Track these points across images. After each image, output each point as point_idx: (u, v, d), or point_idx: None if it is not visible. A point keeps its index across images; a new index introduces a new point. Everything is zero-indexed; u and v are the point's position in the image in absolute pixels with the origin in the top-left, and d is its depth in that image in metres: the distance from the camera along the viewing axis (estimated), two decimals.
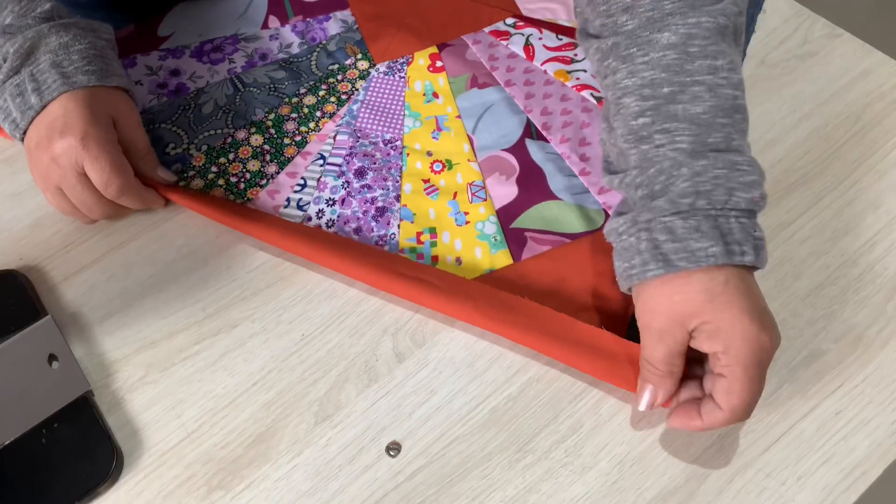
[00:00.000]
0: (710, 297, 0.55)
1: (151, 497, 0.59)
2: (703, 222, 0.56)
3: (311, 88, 0.80)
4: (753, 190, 0.56)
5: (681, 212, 0.56)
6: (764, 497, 0.58)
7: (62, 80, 0.65)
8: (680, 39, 0.59)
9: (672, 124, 0.58)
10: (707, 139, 0.58)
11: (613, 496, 0.58)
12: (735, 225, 0.56)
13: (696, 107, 0.58)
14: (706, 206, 0.56)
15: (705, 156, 0.57)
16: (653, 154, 0.59)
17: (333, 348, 0.65)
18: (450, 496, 0.58)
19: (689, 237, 0.56)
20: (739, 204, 0.56)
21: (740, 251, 0.55)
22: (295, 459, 0.60)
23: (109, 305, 0.67)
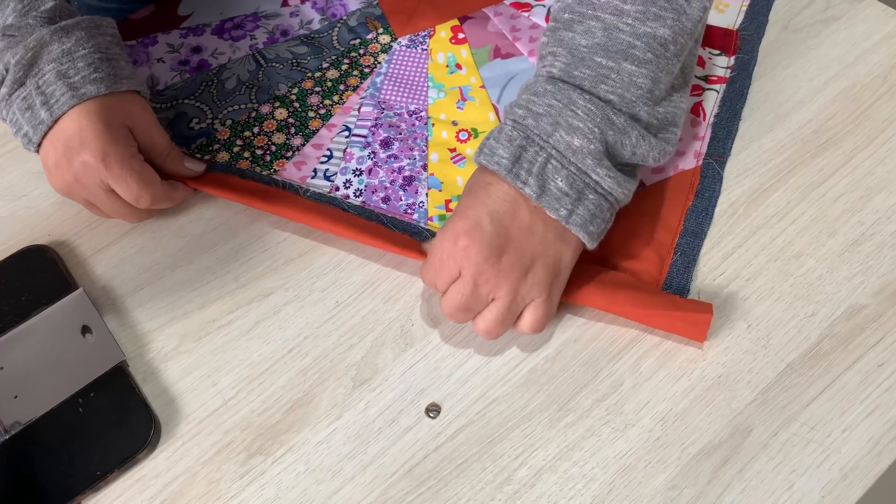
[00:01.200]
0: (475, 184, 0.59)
1: (191, 463, 0.58)
2: (518, 139, 0.57)
3: (333, 63, 0.80)
4: (574, 135, 0.57)
5: (515, 121, 0.58)
6: (809, 450, 0.57)
7: (70, 94, 0.61)
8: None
9: (558, 49, 0.60)
10: (573, 71, 0.58)
11: (657, 452, 0.58)
12: (540, 159, 0.57)
13: (583, 39, 0.59)
14: (533, 127, 0.57)
15: (556, 83, 0.58)
16: (537, 71, 0.62)
17: (368, 314, 0.64)
18: (492, 455, 0.58)
19: (501, 142, 0.58)
20: (559, 144, 0.56)
21: (523, 179, 0.56)
22: (334, 423, 0.59)
23: (140, 278, 0.67)
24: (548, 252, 0.58)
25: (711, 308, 0.60)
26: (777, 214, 0.68)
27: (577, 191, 0.57)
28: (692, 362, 0.61)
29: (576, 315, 0.63)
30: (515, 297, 0.58)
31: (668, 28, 0.58)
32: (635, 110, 0.59)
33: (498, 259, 0.57)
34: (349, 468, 0.58)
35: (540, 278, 0.58)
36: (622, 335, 0.62)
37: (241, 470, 0.58)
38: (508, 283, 0.57)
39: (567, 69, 0.59)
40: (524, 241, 0.57)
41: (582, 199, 0.58)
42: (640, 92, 0.59)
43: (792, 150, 0.72)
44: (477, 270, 0.57)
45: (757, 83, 0.76)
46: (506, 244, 0.57)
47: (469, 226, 0.57)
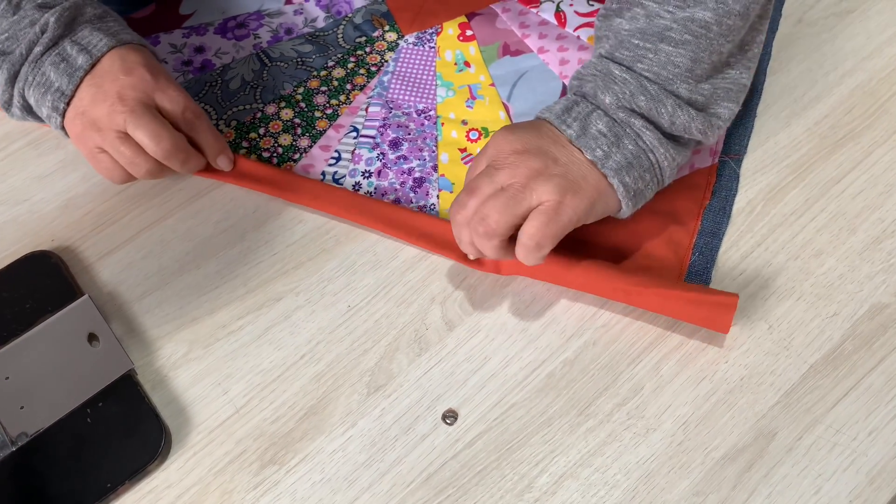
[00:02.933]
0: None
1: (203, 474, 0.57)
2: (572, 99, 0.62)
3: (339, 61, 0.79)
4: (607, 94, 0.60)
5: (570, 88, 0.64)
6: (835, 453, 0.56)
7: (108, 38, 0.64)
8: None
9: (607, 33, 0.64)
10: (615, 53, 0.62)
11: (680, 457, 0.56)
12: (587, 110, 0.61)
13: (626, 24, 0.62)
14: (579, 89, 0.62)
15: (602, 60, 0.63)
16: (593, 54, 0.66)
17: (381, 318, 0.63)
18: (512, 462, 0.57)
19: (559, 102, 0.62)
20: (601, 103, 0.60)
21: (568, 123, 0.60)
22: (349, 431, 0.58)
23: (147, 283, 0.65)
24: (569, 168, 0.59)
25: (736, 297, 0.58)
26: (795, 212, 0.67)
27: (616, 135, 0.59)
28: (713, 364, 0.60)
29: (594, 318, 0.62)
30: (527, 185, 0.57)
31: (710, 11, 0.60)
32: (673, 87, 0.61)
33: (525, 150, 0.59)
34: (366, 477, 0.56)
35: (557, 180, 0.57)
36: (641, 337, 0.61)
37: (255, 480, 0.57)
38: (523, 173, 0.58)
39: (611, 51, 0.63)
40: (550, 148, 0.59)
41: (619, 144, 0.59)
42: (677, 70, 0.60)
43: (809, 146, 0.71)
44: (501, 162, 0.59)
45: (772, 78, 0.75)
46: (534, 149, 0.59)
47: (508, 130, 0.61)
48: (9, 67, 0.63)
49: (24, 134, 0.74)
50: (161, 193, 0.70)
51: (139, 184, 0.70)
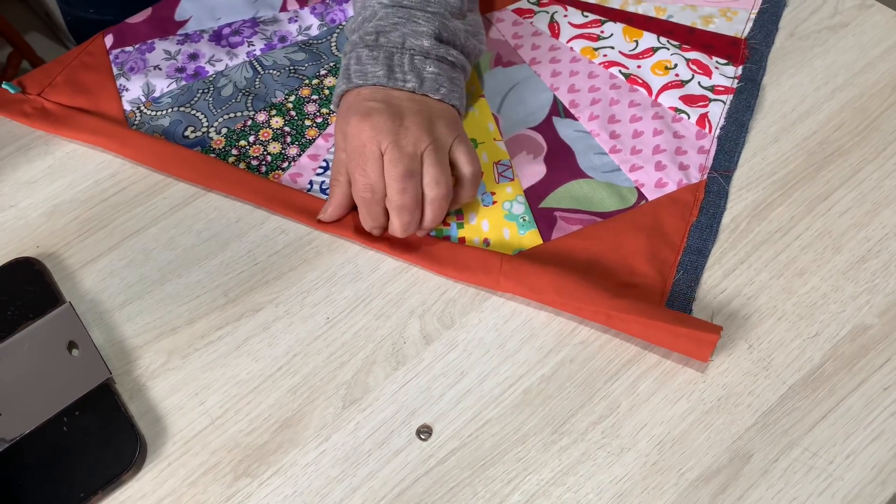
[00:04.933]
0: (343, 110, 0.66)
1: (177, 485, 0.57)
2: (381, 55, 0.65)
3: (331, 70, 0.79)
4: (422, 38, 0.66)
5: (368, 45, 0.66)
6: (811, 476, 0.56)
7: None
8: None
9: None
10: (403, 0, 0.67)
11: (654, 477, 0.56)
12: (406, 59, 0.65)
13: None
14: (386, 44, 0.66)
15: (393, 7, 0.67)
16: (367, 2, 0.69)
17: (359, 331, 0.63)
18: (484, 479, 0.56)
19: (366, 63, 0.65)
20: (414, 47, 0.65)
21: (402, 79, 0.64)
22: (323, 444, 0.58)
23: (128, 292, 0.66)
24: (434, 109, 0.65)
25: (720, 330, 0.58)
26: (781, 229, 0.66)
27: (445, 71, 0.67)
28: (691, 384, 0.59)
29: (572, 334, 0.62)
30: (437, 142, 0.62)
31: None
32: (454, 22, 0.69)
33: (402, 119, 0.62)
34: (338, 491, 0.56)
35: (444, 124, 0.64)
36: (619, 355, 0.61)
37: (228, 492, 0.57)
38: (423, 131, 0.62)
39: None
40: (412, 104, 0.63)
41: (452, 79, 0.67)
42: (454, 9, 0.69)
43: (797, 162, 0.70)
44: (393, 135, 0.61)
45: (762, 92, 0.74)
46: (399, 108, 0.63)
47: (361, 114, 0.62)
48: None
49: (13, 139, 0.74)
50: (145, 202, 0.70)
51: (124, 192, 0.70)
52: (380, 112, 0.62)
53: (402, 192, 0.61)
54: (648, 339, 0.60)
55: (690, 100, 0.75)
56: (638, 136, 0.73)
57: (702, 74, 0.77)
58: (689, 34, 0.80)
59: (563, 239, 0.67)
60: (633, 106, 0.75)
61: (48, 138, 0.74)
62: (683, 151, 0.71)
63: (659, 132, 0.73)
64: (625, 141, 0.73)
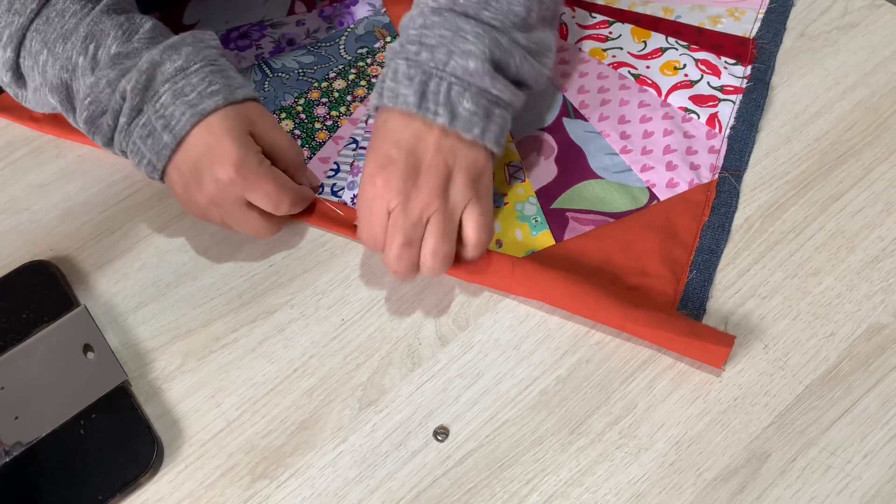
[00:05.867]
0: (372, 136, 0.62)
1: (194, 487, 0.57)
2: (418, 75, 0.59)
3: (340, 72, 0.79)
4: (468, 59, 0.59)
5: (408, 58, 0.60)
6: (829, 476, 0.56)
7: (190, 112, 0.59)
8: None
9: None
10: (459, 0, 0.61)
11: (672, 477, 0.56)
12: (444, 87, 0.59)
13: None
14: (427, 61, 0.59)
15: (442, 14, 0.60)
16: (416, 3, 0.63)
17: (375, 332, 0.63)
18: (502, 480, 0.56)
19: (401, 82, 0.60)
20: (457, 70, 0.59)
21: (433, 111, 0.59)
22: (340, 446, 0.58)
23: (143, 294, 0.66)
24: (460, 157, 0.60)
25: (732, 341, 0.58)
26: (794, 229, 0.66)
27: (484, 108, 0.60)
28: (707, 384, 0.59)
29: (588, 335, 0.62)
30: (446, 207, 0.59)
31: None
32: (514, 35, 0.62)
33: (416, 179, 0.59)
34: (355, 493, 0.56)
35: (462, 181, 0.59)
36: (635, 356, 0.61)
37: (246, 494, 0.57)
38: (434, 196, 0.58)
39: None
40: (435, 157, 0.59)
41: (490, 115, 0.60)
42: (516, 19, 0.61)
43: (809, 162, 0.70)
44: (402, 196, 0.58)
45: (773, 93, 0.74)
46: (419, 164, 0.59)
47: (379, 163, 0.59)
48: (101, 136, 0.62)
49: (25, 143, 0.74)
50: (158, 205, 0.70)
51: (137, 195, 0.70)
52: (395, 166, 0.58)
53: (398, 259, 0.59)
54: (662, 345, 0.60)
55: (700, 100, 0.75)
56: (648, 136, 0.73)
57: (711, 74, 0.77)
58: (698, 34, 0.80)
59: (575, 240, 0.67)
60: (642, 106, 0.75)
61: (59, 141, 0.74)
62: (694, 151, 0.72)
63: (669, 132, 0.73)
64: (635, 141, 0.73)
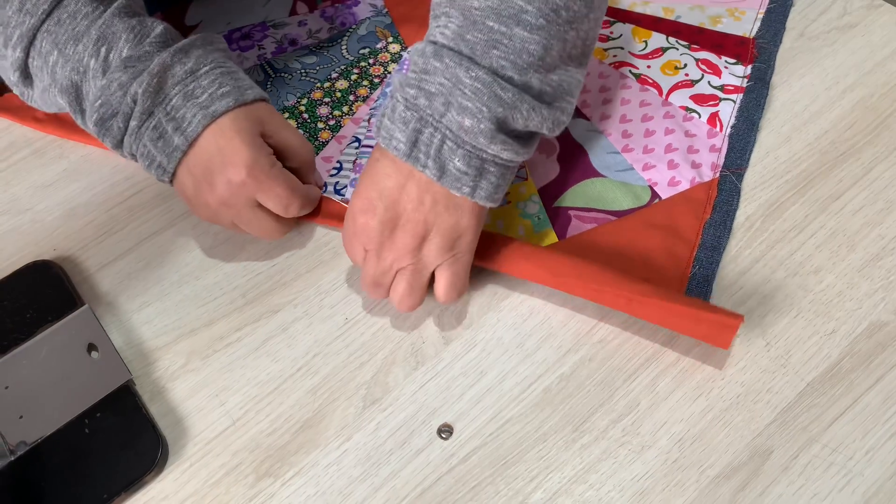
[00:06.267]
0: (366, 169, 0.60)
1: (199, 486, 0.57)
2: (413, 121, 0.57)
3: (342, 73, 0.79)
4: (464, 116, 0.55)
5: (407, 100, 0.57)
6: (831, 472, 0.56)
7: (201, 114, 0.60)
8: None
9: (451, 10, 0.58)
10: (466, 35, 0.56)
11: (675, 474, 0.56)
12: (436, 141, 0.57)
13: (476, 1, 0.56)
14: (425, 108, 0.56)
15: (443, 59, 0.56)
16: (430, 33, 0.59)
17: (378, 331, 0.63)
18: (506, 478, 0.57)
19: (396, 124, 0.57)
20: (452, 124, 0.56)
21: (423, 163, 0.57)
22: (345, 444, 0.58)
23: (146, 294, 0.66)
24: (440, 219, 0.58)
25: (741, 318, 0.58)
26: (795, 228, 0.67)
27: (476, 168, 0.57)
28: (710, 381, 0.60)
29: (590, 333, 0.62)
30: (417, 264, 0.59)
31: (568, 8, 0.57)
32: (526, 77, 0.56)
33: (392, 232, 0.59)
34: (360, 491, 0.57)
35: (437, 244, 0.59)
36: (638, 353, 0.61)
37: (250, 493, 0.57)
38: (406, 252, 0.59)
39: (459, 32, 0.56)
40: (415, 213, 0.58)
41: (483, 174, 0.58)
42: (531, 59, 0.56)
43: (809, 161, 0.71)
44: (376, 245, 0.59)
45: (773, 92, 0.75)
46: (397, 218, 0.58)
47: (364, 205, 0.59)
48: (111, 139, 0.62)
49: (27, 143, 0.74)
50: (161, 204, 0.70)
51: (140, 195, 0.71)
52: (374, 217, 0.58)
53: (370, 292, 0.62)
54: (668, 324, 0.60)
55: (701, 99, 0.76)
56: (650, 135, 0.74)
57: (711, 74, 0.77)
58: (698, 34, 0.81)
59: (578, 237, 0.67)
60: (644, 105, 0.76)
61: (62, 142, 0.74)
62: (695, 150, 0.72)
63: (671, 131, 0.73)
64: (637, 140, 0.73)
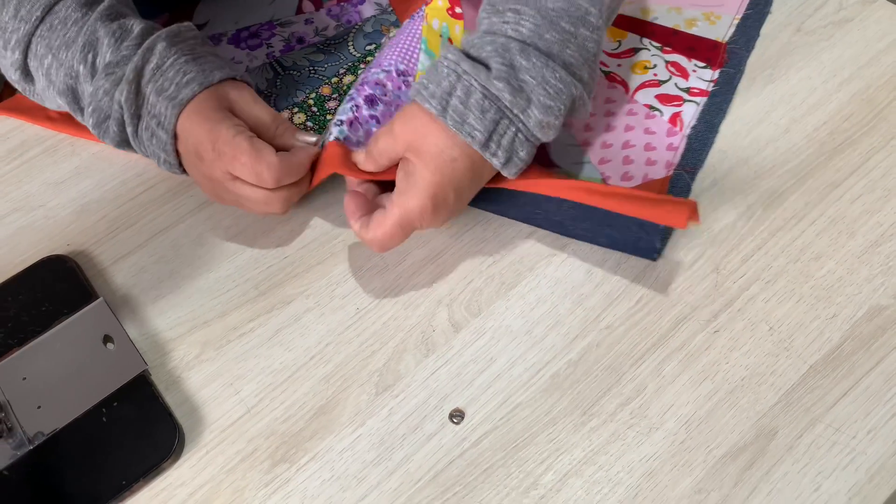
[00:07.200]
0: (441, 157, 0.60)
1: (215, 472, 0.58)
2: (492, 111, 0.59)
3: (350, 69, 0.80)
4: (547, 114, 0.60)
5: (486, 89, 0.59)
6: (835, 451, 0.57)
7: (171, 104, 0.62)
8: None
9: (523, 8, 0.61)
10: (544, 34, 0.60)
11: (682, 455, 0.58)
12: (510, 133, 0.60)
13: (549, 1, 0.61)
14: (509, 102, 0.59)
15: (530, 57, 0.59)
16: (497, 27, 0.62)
17: (389, 320, 0.64)
18: (517, 460, 0.58)
19: (472, 110, 0.59)
20: (530, 120, 0.60)
21: (493, 152, 0.60)
22: (358, 430, 0.59)
23: (160, 287, 0.67)
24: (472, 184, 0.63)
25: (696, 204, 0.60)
26: (795, 216, 0.68)
27: (531, 155, 0.63)
28: (714, 365, 0.61)
29: (597, 320, 0.63)
30: None
31: None
32: (582, 73, 0.62)
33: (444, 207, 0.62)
34: (374, 475, 0.58)
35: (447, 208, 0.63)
36: (644, 339, 0.62)
37: (266, 478, 0.58)
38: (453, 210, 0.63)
39: (537, 31, 0.61)
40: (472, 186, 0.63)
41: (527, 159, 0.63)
42: (588, 56, 0.63)
43: (808, 152, 0.72)
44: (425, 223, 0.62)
45: (771, 86, 0.76)
46: (461, 191, 0.62)
47: (434, 201, 0.61)
48: (110, 139, 0.66)
49: (39, 142, 0.75)
50: (172, 200, 0.71)
51: (151, 190, 0.72)
52: (447, 209, 0.62)
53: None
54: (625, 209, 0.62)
55: (666, 99, 0.77)
56: (610, 130, 0.75)
57: (679, 76, 0.78)
58: (672, 36, 0.82)
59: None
60: (608, 102, 0.77)
61: (74, 140, 0.75)
62: (652, 147, 0.73)
63: (630, 128, 0.74)
64: (596, 134, 0.74)
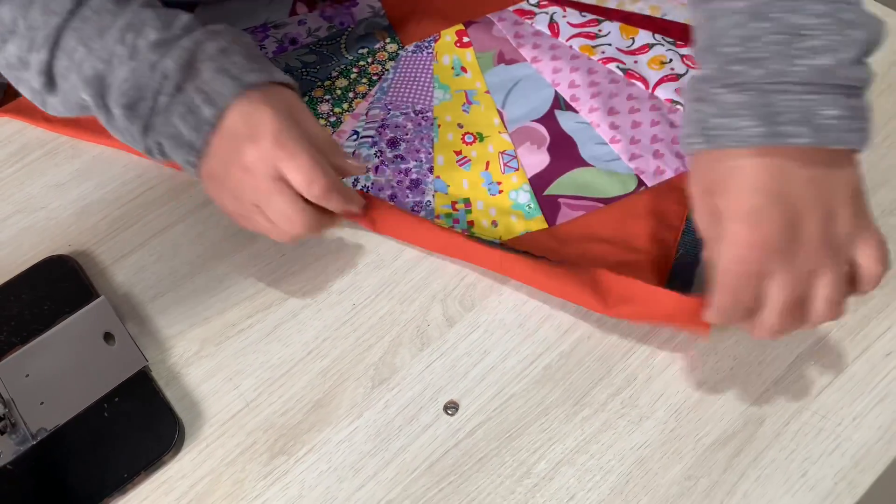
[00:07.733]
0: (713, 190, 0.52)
1: (215, 464, 0.59)
2: (756, 99, 0.49)
3: (342, 71, 0.82)
4: (820, 56, 0.47)
5: (734, 83, 0.50)
6: (821, 437, 0.59)
7: (232, 83, 0.57)
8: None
9: None
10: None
11: (672, 443, 0.59)
12: (795, 102, 0.48)
13: None
14: (763, 77, 0.49)
15: (767, 17, 0.49)
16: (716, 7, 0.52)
17: (385, 315, 0.65)
18: (511, 450, 0.59)
19: (733, 113, 0.50)
20: (804, 75, 0.48)
21: (790, 133, 0.48)
22: (355, 422, 0.61)
23: (160, 285, 0.68)
24: (836, 183, 0.50)
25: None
26: None
27: (851, 107, 0.49)
28: (703, 355, 0.62)
29: (588, 313, 0.65)
30: (838, 248, 0.50)
31: None
32: None
33: (797, 230, 0.49)
34: (371, 465, 0.59)
35: (851, 211, 0.51)
36: (634, 331, 0.64)
37: (265, 470, 0.59)
38: (823, 240, 0.50)
39: None
40: (809, 185, 0.49)
41: (859, 113, 0.50)
42: None
43: None
44: (786, 258, 0.50)
45: None
46: (794, 210, 0.49)
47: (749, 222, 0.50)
48: (139, 123, 0.59)
49: (40, 144, 0.77)
50: (172, 200, 0.72)
51: (151, 191, 0.73)
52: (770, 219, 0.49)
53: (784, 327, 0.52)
54: None
55: None
56: (636, 126, 0.76)
57: (695, 69, 0.80)
58: (683, 31, 0.83)
59: (567, 224, 0.70)
60: (631, 99, 0.78)
61: (74, 142, 0.77)
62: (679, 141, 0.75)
63: (656, 123, 0.76)
64: (624, 131, 0.76)
